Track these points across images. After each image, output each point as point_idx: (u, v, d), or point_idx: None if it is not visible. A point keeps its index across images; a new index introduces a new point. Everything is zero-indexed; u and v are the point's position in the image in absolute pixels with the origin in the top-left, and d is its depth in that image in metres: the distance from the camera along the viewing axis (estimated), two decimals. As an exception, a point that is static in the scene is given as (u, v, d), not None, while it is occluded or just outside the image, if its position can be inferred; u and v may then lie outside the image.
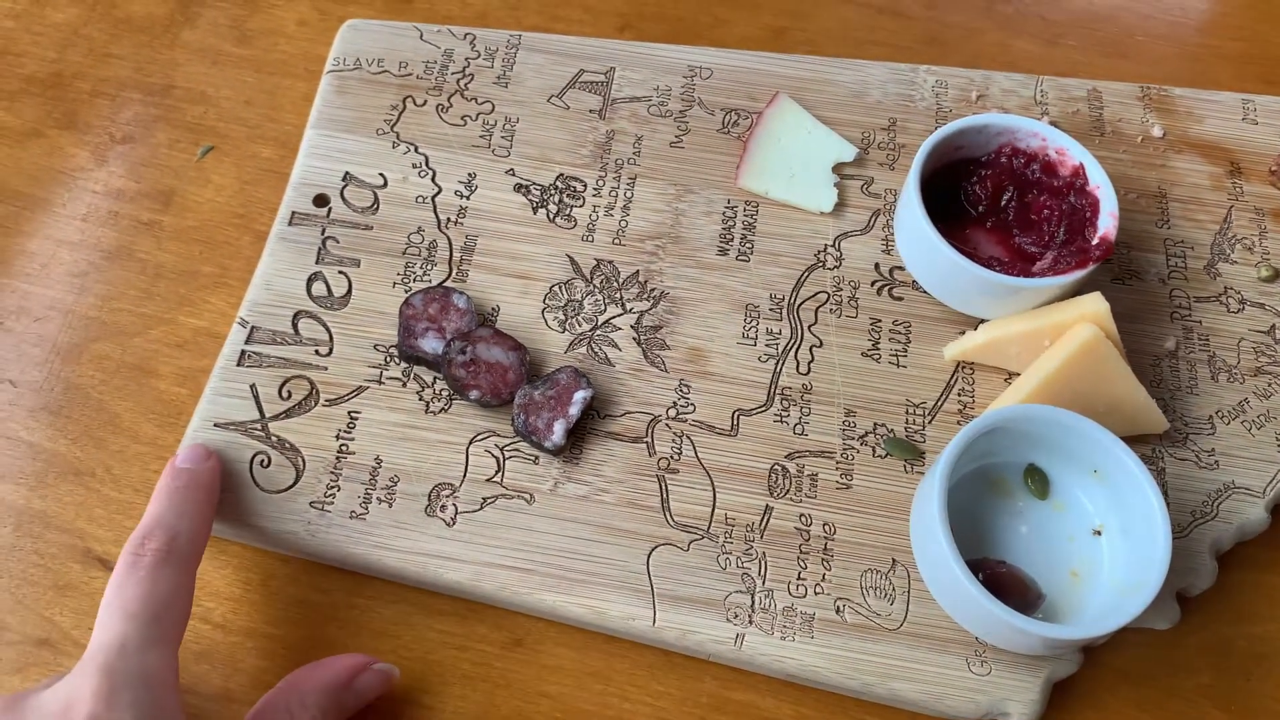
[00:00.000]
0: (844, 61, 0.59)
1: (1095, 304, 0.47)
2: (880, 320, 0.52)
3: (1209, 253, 0.54)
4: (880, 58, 0.62)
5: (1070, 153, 0.51)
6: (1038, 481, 0.46)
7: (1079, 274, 0.48)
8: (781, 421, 0.49)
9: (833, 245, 0.54)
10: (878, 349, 0.51)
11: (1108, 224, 0.49)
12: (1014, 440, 0.46)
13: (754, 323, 0.51)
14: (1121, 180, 0.56)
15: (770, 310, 0.52)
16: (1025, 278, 0.48)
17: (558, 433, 0.47)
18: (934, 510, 0.42)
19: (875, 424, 0.49)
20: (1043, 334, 0.48)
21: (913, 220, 0.49)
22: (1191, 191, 0.56)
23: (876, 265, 0.53)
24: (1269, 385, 0.51)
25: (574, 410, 0.47)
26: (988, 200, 0.52)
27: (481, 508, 0.47)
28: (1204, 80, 0.63)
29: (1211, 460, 0.49)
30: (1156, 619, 0.46)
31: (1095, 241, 0.49)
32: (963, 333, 0.51)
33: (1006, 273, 0.49)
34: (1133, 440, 0.49)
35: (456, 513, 0.46)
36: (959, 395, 0.50)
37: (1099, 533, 0.46)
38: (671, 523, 0.47)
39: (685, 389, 0.50)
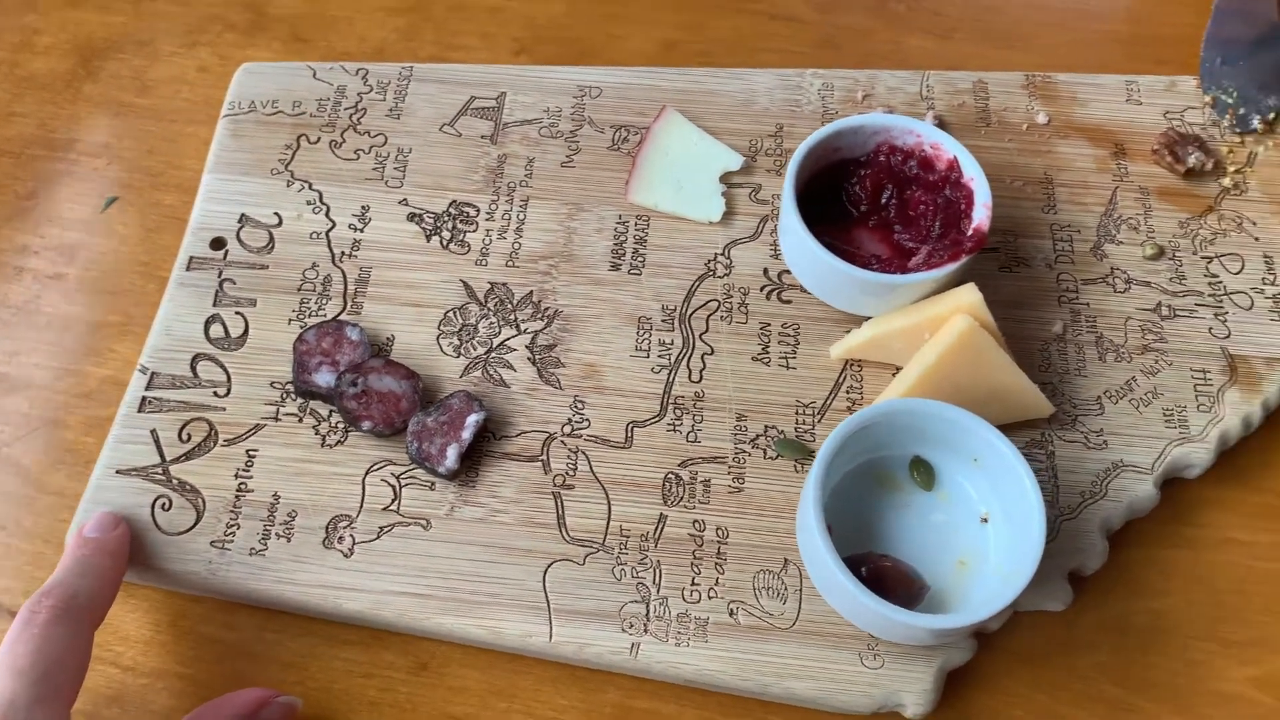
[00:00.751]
0: (731, 71, 0.60)
1: (969, 295, 0.48)
2: (770, 324, 0.52)
3: (1095, 235, 0.55)
4: (774, 64, 0.63)
5: (944, 147, 0.51)
6: (923, 473, 0.47)
7: (952, 267, 0.48)
8: (675, 430, 0.50)
9: (723, 253, 0.54)
10: (767, 353, 0.52)
11: (981, 215, 0.50)
12: (898, 434, 0.47)
13: (647, 335, 0.52)
14: (1008, 169, 0.57)
15: (662, 321, 0.53)
16: (901, 274, 0.49)
17: (450, 457, 0.48)
18: (809, 510, 0.43)
19: (766, 426, 0.50)
20: (922, 328, 0.49)
21: (790, 225, 0.50)
22: (1077, 175, 0.57)
23: (765, 270, 0.54)
24: (1155, 362, 0.51)
25: (466, 434, 0.48)
26: (868, 199, 0.52)
27: (378, 537, 0.47)
28: (1097, 65, 0.63)
29: (1100, 440, 0.50)
30: (1049, 601, 0.47)
31: (970, 233, 0.49)
32: (849, 331, 0.52)
33: (886, 270, 0.50)
34: (1021, 425, 0.50)
35: (354, 543, 0.47)
36: (847, 392, 0.51)
37: (986, 520, 0.46)
38: (567, 538, 0.47)
39: (580, 405, 0.50)
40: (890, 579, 0.44)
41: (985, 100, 0.59)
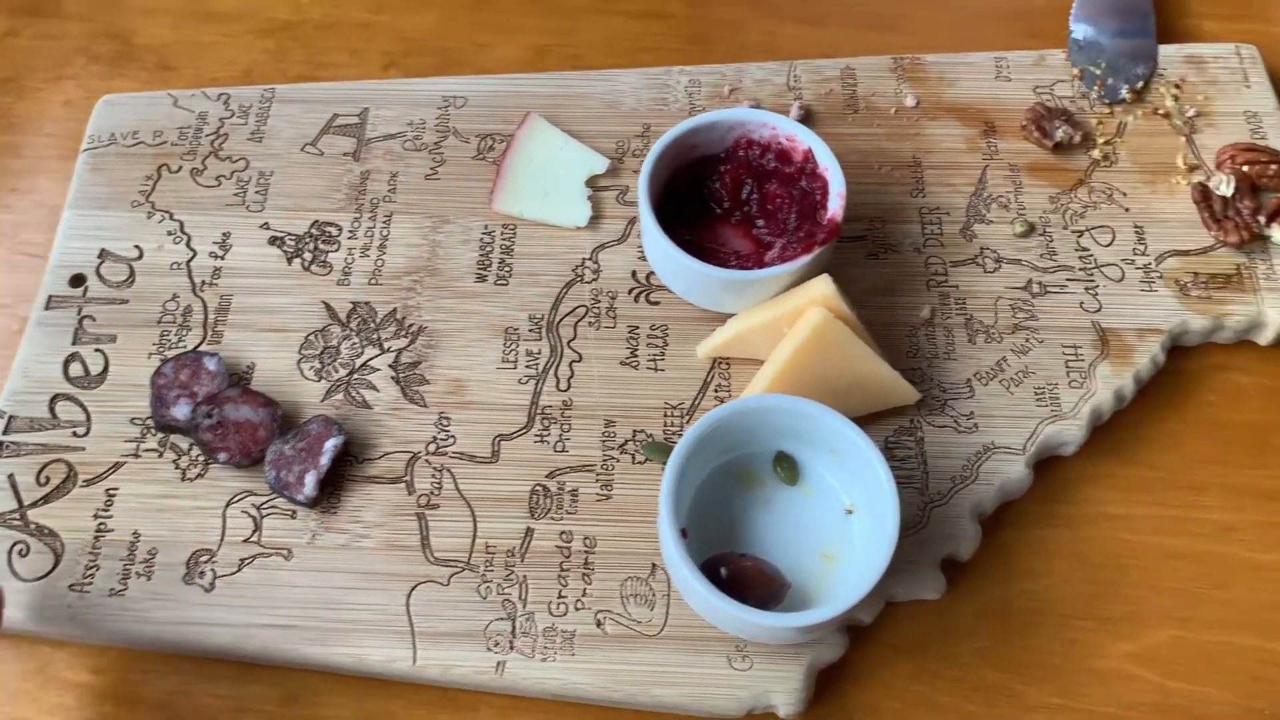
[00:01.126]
0: (596, 73, 0.59)
1: (823, 287, 0.47)
2: (639, 327, 0.52)
3: (965, 216, 0.55)
4: (647, 63, 0.62)
5: (800, 138, 0.51)
6: (787, 468, 0.47)
7: (806, 259, 0.48)
8: (542, 441, 0.49)
9: (590, 258, 0.54)
10: (636, 356, 0.51)
11: (835, 205, 0.49)
12: (759, 430, 0.46)
13: (514, 346, 0.51)
14: (876, 155, 0.57)
15: (530, 331, 0.52)
16: (758, 269, 0.48)
17: (309, 484, 0.47)
18: (663, 516, 0.42)
19: (635, 431, 0.49)
20: (781, 321, 0.48)
21: (646, 227, 0.49)
22: (946, 157, 0.56)
23: (634, 273, 0.53)
24: (1026, 340, 0.51)
25: (324, 460, 0.47)
26: (729, 195, 0.52)
27: (240, 569, 0.46)
28: (970, 43, 0.62)
29: (970, 424, 0.49)
30: (923, 589, 0.46)
31: (824, 224, 0.49)
32: (717, 330, 0.51)
33: (744, 265, 0.50)
34: (890, 413, 0.49)
35: (215, 577, 0.46)
36: (715, 391, 0.50)
37: (850, 512, 0.46)
38: (432, 559, 0.47)
39: (445, 422, 0.50)
40: (750, 579, 0.43)
41: (853, 87, 0.59)
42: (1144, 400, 0.52)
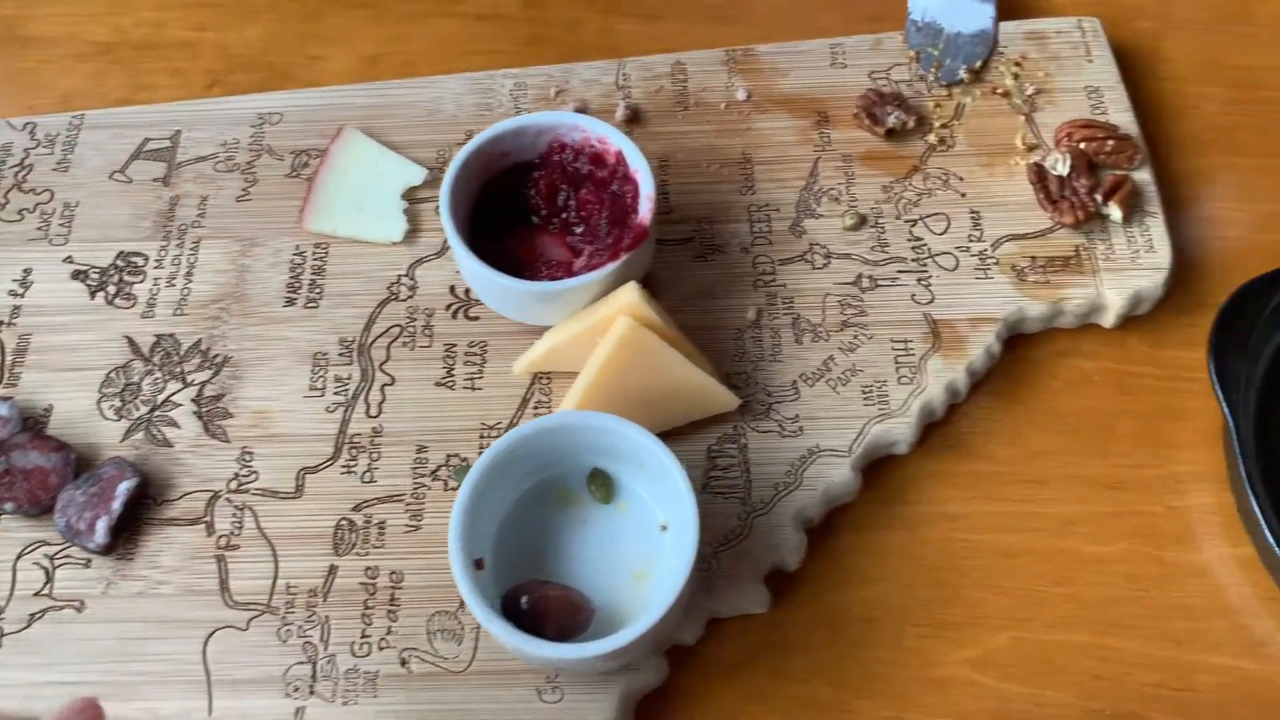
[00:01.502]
0: (417, 81, 0.57)
1: (629, 295, 0.45)
2: (455, 345, 0.49)
3: (795, 211, 0.52)
4: (481, 67, 0.60)
5: (611, 140, 0.49)
6: (601, 485, 0.44)
7: (612, 266, 0.46)
8: (350, 472, 0.47)
9: (407, 274, 0.51)
10: (452, 375, 0.49)
11: (645, 209, 0.47)
12: (569, 448, 0.44)
13: (322, 372, 0.49)
14: (705, 152, 0.55)
15: (340, 355, 0.49)
16: (567, 279, 0.46)
17: (100, 531, 0.44)
18: (452, 548, 0.40)
19: (448, 455, 0.47)
20: (594, 332, 0.46)
21: (451, 241, 0.47)
22: (777, 151, 0.54)
23: (452, 288, 0.51)
24: (855, 338, 0.49)
25: (116, 504, 0.45)
26: (545, 203, 0.50)
27: (29, 625, 0.44)
28: (812, 30, 0.60)
29: (795, 427, 0.47)
30: (748, 604, 0.44)
31: (632, 229, 0.47)
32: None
33: (553, 276, 0.48)
34: (713, 420, 0.47)
35: (2, 635, 0.44)
36: (535, 408, 0.48)
37: (665, 528, 0.44)
38: (230, 603, 0.44)
39: (248, 457, 0.47)
40: (552, 608, 0.41)
41: (684, 82, 0.56)
42: (984, 392, 0.50)
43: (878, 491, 0.48)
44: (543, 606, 0.41)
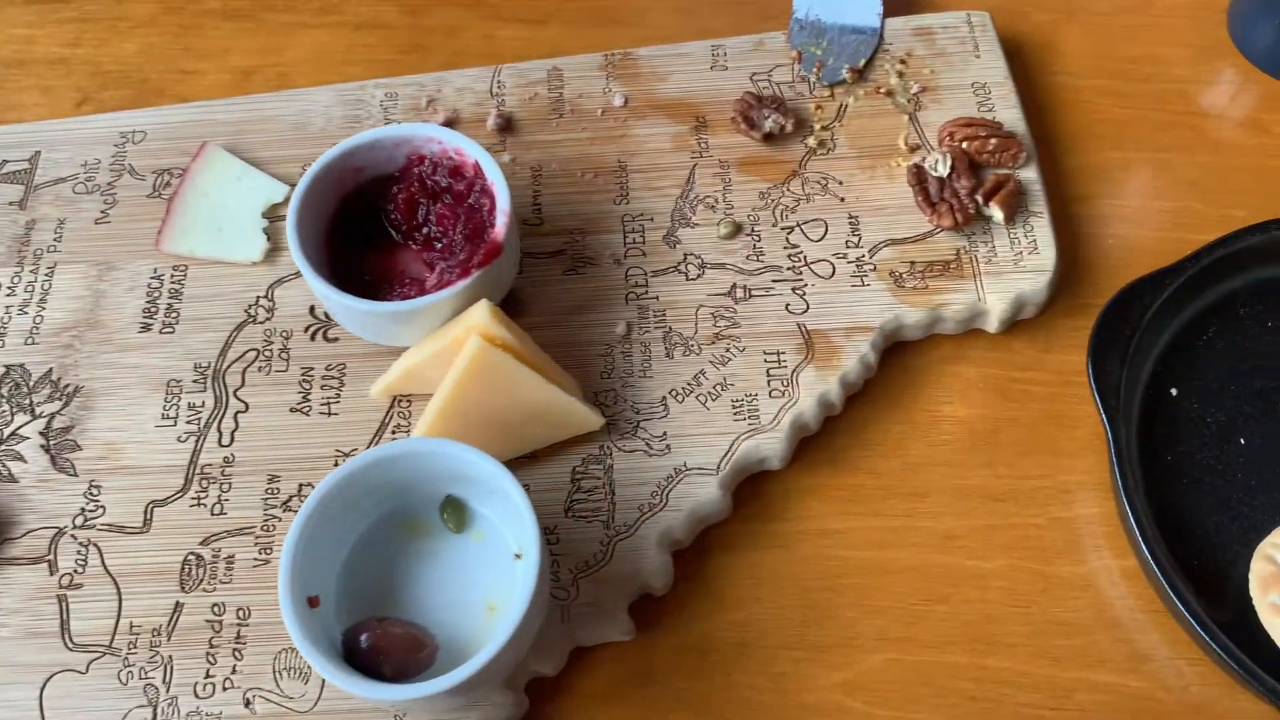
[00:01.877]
0: (286, 94, 0.55)
1: (479, 314, 0.43)
2: (313, 368, 0.48)
3: (670, 220, 0.51)
4: (359, 77, 0.58)
5: (467, 152, 0.47)
6: (454, 514, 0.43)
7: (463, 284, 0.44)
8: (199, 505, 0.45)
9: (266, 295, 0.50)
10: (308, 400, 0.47)
11: (500, 223, 0.45)
12: (419, 475, 0.42)
13: (175, 400, 0.47)
14: (579, 161, 0.53)
15: (194, 382, 0.48)
16: (415, 299, 0.44)
17: (-68, 574, 0.43)
18: (281, 585, 0.38)
19: (301, 485, 0.45)
20: (448, 353, 0.44)
21: (298, 262, 0.45)
22: (653, 158, 0.52)
23: (311, 309, 0.49)
24: (727, 350, 0.47)
25: (-51, 545, 0.43)
26: (405, 217, 0.48)
27: None
28: (702, 31, 0.59)
29: (663, 445, 0.45)
30: (610, 631, 0.42)
31: (485, 244, 0.45)
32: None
33: (405, 295, 0.46)
34: (578, 441, 0.46)
35: None
36: (393, 432, 0.46)
37: (519, 557, 0.42)
38: (71, 645, 0.42)
39: (95, 491, 0.45)
40: (391, 646, 0.39)
41: (560, 89, 0.55)
42: (864, 402, 0.48)
43: (751, 509, 0.46)
44: (383, 644, 0.39)
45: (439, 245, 0.47)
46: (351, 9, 0.61)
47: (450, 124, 0.53)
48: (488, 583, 0.42)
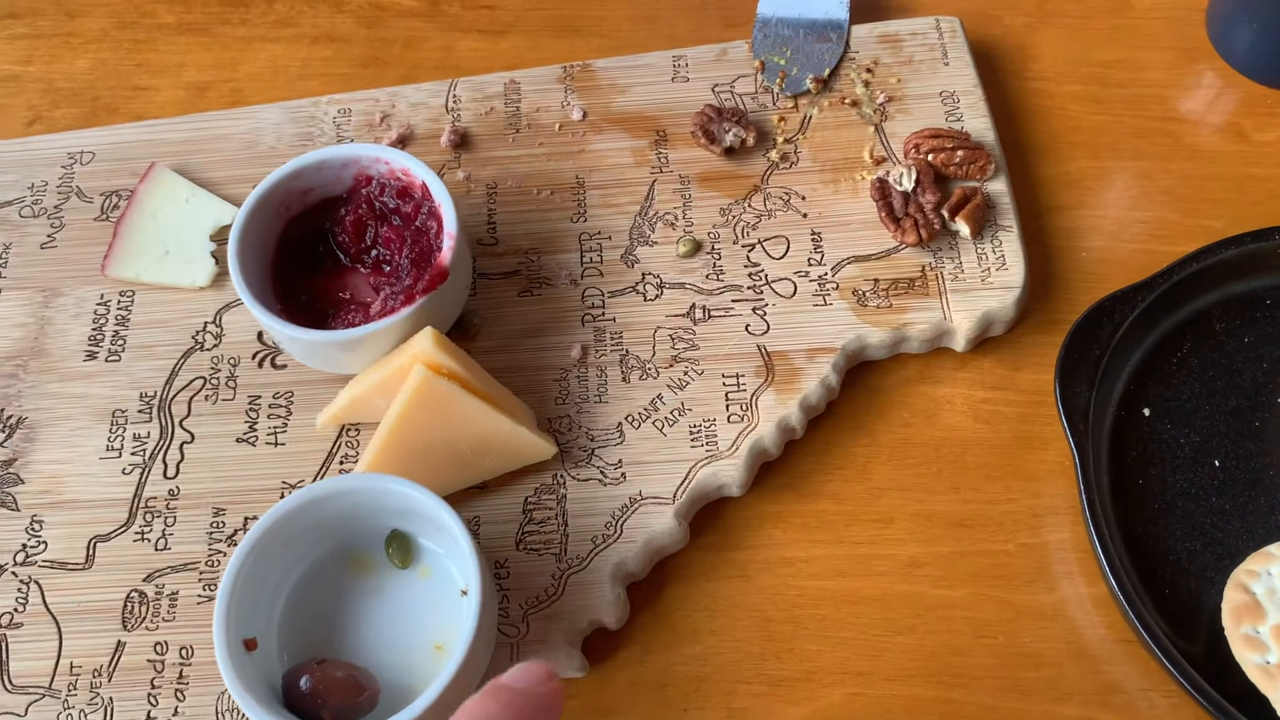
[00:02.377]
0: (237, 112, 0.54)
1: (423, 343, 0.42)
2: (260, 396, 0.46)
3: (628, 238, 0.49)
4: (316, 91, 0.56)
5: (414, 172, 0.46)
6: (400, 549, 0.41)
7: (407, 310, 0.43)
8: (143, 539, 0.44)
9: (213, 321, 0.48)
10: (255, 430, 0.46)
11: (446, 246, 0.44)
12: (363, 510, 0.41)
13: (120, 430, 0.46)
14: (536, 178, 0.51)
15: (140, 412, 0.46)
16: (359, 327, 0.43)
17: None
18: (216, 627, 0.37)
19: (246, 518, 0.44)
20: (394, 382, 0.43)
21: (239, 289, 0.44)
22: (612, 174, 0.51)
23: (259, 334, 0.48)
24: (685, 374, 0.46)
25: (-115, 585, 0.42)
26: (353, 240, 0.46)
27: None
28: (665, 39, 0.58)
29: (618, 474, 0.44)
30: (563, 667, 0.41)
31: (430, 269, 0.44)
32: (343, 392, 0.47)
33: (349, 323, 0.44)
34: (530, 471, 0.44)
35: None
36: (341, 463, 0.45)
37: (466, 593, 0.41)
38: (9, 687, 0.41)
39: (38, 526, 0.44)
40: (334, 689, 0.38)
41: (517, 103, 0.53)
42: (828, 425, 0.47)
43: (709, 538, 0.45)
44: (323, 688, 0.38)
45: (387, 268, 0.46)
46: (308, 21, 0.60)
47: (404, 140, 0.52)
48: (435, 621, 0.41)
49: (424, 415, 0.42)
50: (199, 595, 0.43)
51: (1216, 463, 0.44)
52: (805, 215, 0.49)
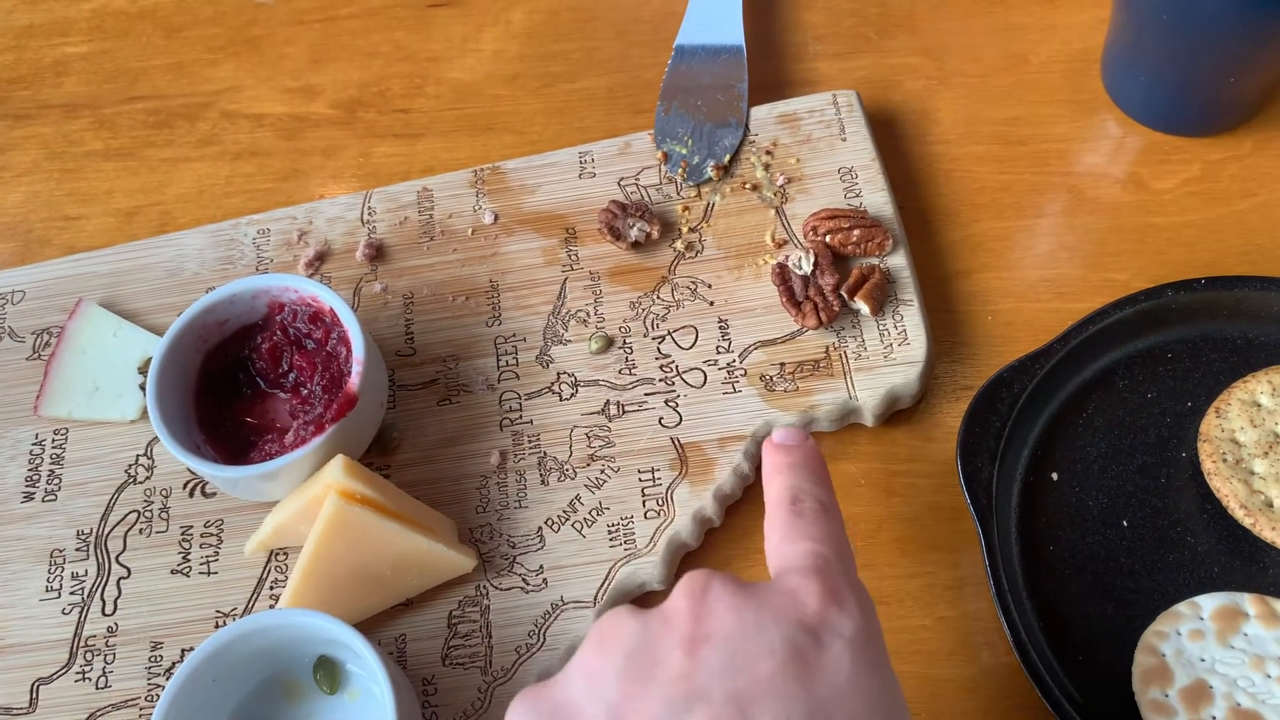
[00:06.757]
0: (160, 240, 0.55)
1: (334, 471, 0.43)
2: (192, 526, 0.48)
3: (542, 339, 0.51)
4: (239, 209, 0.58)
5: (322, 298, 0.47)
6: (327, 675, 0.42)
7: (319, 440, 0.44)
8: (84, 679, 0.45)
9: (145, 453, 0.50)
10: (188, 560, 0.47)
11: (354, 372, 0.45)
12: (289, 639, 0.42)
13: (59, 570, 0.47)
14: (451, 285, 0.53)
15: (77, 550, 0.48)
16: (271, 460, 0.44)
17: None
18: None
19: (183, 650, 0.45)
20: (313, 507, 0.44)
21: (155, 426, 0.45)
22: (524, 275, 0.52)
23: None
24: (602, 472, 0.47)
25: None
26: (270, 368, 0.48)
27: None
28: (576, 130, 0.59)
29: (539, 580, 0.45)
30: (490, 783, 0.43)
31: (339, 397, 0.45)
32: (270, 517, 0.48)
33: (269, 452, 0.46)
34: (453, 584, 0.45)
35: None
36: (272, 588, 0.46)
37: (394, 715, 0.42)
38: (-41, 838, 0.43)
39: (-19, 673, 0.46)
40: (263, 823, 0.39)
41: (430, 210, 0.55)
42: (746, 510, 0.48)
43: (635, 634, 0.46)
44: (255, 822, 0.39)
45: (305, 391, 0.48)
46: (230, 138, 0.61)
47: (322, 257, 0.54)
48: (364, 744, 0.42)
49: (340, 543, 0.43)
50: (136, 733, 0.44)
51: (1124, 523, 0.45)
52: (712, 303, 0.50)
